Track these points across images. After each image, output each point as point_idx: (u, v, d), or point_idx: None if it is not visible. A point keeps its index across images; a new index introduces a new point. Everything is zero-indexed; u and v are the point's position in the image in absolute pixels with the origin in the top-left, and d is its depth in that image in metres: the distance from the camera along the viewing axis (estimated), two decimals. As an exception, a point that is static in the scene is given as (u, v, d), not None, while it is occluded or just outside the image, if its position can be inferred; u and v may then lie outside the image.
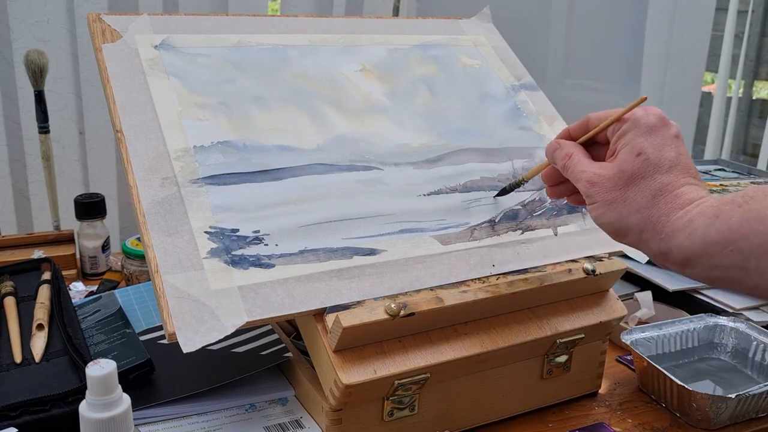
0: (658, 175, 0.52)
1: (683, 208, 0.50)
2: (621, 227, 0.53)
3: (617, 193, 0.53)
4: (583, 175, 0.55)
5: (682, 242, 0.49)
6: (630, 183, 0.52)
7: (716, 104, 2.12)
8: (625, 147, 0.53)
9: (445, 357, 0.59)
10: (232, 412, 0.64)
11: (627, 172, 0.52)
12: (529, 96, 0.83)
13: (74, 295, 0.87)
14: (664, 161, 0.52)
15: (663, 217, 0.50)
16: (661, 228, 0.50)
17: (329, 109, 0.72)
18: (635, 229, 0.52)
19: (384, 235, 0.63)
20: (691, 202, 0.50)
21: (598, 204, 0.54)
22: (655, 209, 0.51)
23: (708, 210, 0.48)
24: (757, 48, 2.30)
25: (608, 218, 0.53)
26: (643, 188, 0.52)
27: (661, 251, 0.51)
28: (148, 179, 0.60)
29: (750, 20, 2.22)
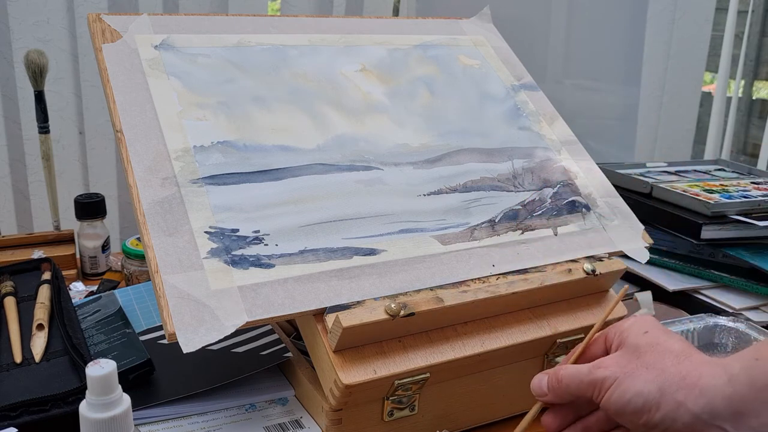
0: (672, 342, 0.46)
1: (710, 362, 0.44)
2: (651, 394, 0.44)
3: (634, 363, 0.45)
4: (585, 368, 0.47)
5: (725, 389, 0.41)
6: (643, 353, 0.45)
7: (716, 104, 2.12)
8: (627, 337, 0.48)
9: (445, 357, 0.59)
10: (232, 412, 0.64)
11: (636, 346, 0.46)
12: (529, 96, 0.83)
13: (74, 295, 0.87)
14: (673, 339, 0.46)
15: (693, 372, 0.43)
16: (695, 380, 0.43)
17: (329, 109, 0.72)
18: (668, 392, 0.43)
19: (384, 235, 0.63)
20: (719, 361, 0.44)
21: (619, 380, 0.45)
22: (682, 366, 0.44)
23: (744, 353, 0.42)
24: (757, 48, 2.30)
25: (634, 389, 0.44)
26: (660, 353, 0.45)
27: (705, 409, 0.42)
28: (148, 179, 0.60)
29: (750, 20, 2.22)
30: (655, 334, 0.46)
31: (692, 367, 0.43)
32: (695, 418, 0.42)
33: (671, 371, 0.43)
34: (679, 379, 0.43)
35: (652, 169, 1.23)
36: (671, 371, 0.43)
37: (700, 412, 0.42)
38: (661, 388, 0.43)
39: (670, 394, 0.43)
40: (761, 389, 0.40)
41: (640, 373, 0.44)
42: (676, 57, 1.90)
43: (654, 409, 0.43)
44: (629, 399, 0.44)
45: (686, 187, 1.03)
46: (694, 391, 0.42)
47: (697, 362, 0.43)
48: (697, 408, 0.42)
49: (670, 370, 0.43)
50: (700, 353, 0.45)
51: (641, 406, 0.44)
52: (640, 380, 0.44)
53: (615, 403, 0.45)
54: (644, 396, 0.43)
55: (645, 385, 0.44)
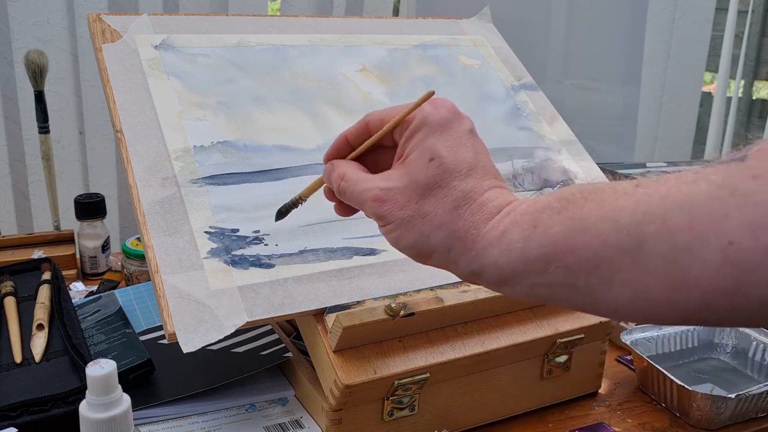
0: (457, 181, 0.44)
1: (492, 218, 0.42)
2: (423, 249, 0.44)
3: (413, 207, 0.44)
4: (368, 194, 0.45)
5: (498, 259, 0.41)
6: (426, 194, 0.44)
7: (716, 104, 2.12)
8: (414, 150, 0.45)
9: (445, 357, 0.59)
10: (232, 412, 0.64)
11: (420, 182, 0.44)
12: (529, 96, 0.83)
13: (74, 295, 0.87)
14: (461, 164, 0.44)
15: (471, 231, 0.42)
16: (470, 244, 0.42)
17: (329, 109, 0.72)
18: (441, 249, 0.44)
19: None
20: (500, 209, 0.42)
21: (393, 224, 0.45)
22: (461, 222, 0.43)
23: (522, 219, 0.41)
24: (757, 48, 2.30)
25: (407, 240, 0.44)
26: (441, 199, 0.43)
27: (473, 271, 0.43)
28: (148, 179, 0.60)
29: (750, 20, 2.22)
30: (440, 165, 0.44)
31: (471, 223, 0.43)
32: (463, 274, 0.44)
33: (448, 228, 0.43)
34: (455, 239, 0.43)
35: (652, 169, 1.23)
36: (448, 228, 0.43)
37: (467, 273, 0.43)
38: (433, 244, 0.44)
39: (443, 252, 0.44)
40: (531, 260, 0.40)
41: (416, 224, 0.44)
42: (676, 57, 1.90)
43: (424, 259, 0.45)
44: (402, 247, 0.45)
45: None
46: (469, 254, 0.43)
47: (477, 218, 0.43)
48: (466, 269, 0.43)
49: (448, 226, 0.43)
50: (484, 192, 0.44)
51: (413, 254, 0.45)
52: (415, 232, 0.44)
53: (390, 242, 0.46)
54: (416, 249, 0.45)
55: (419, 239, 0.44)
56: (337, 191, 0.49)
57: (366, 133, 0.49)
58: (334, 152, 0.51)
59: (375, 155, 0.50)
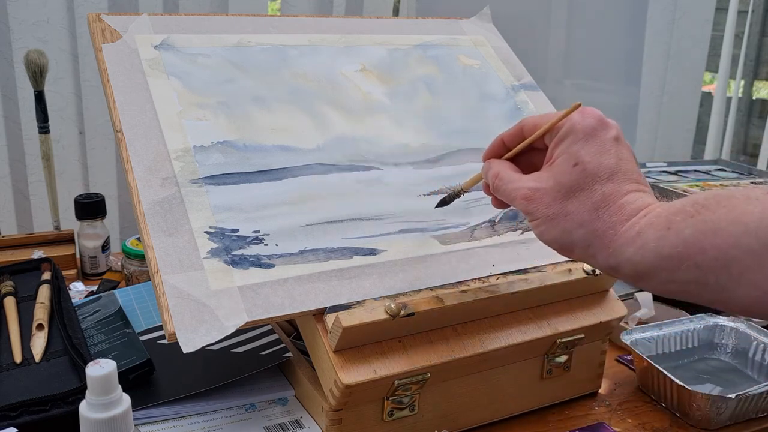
0: (598, 185, 0.48)
1: (630, 219, 0.46)
2: (566, 243, 0.49)
3: (557, 207, 0.49)
4: (518, 193, 0.51)
5: (633, 257, 0.45)
6: (569, 195, 0.48)
7: (716, 104, 2.12)
8: (561, 156, 0.50)
9: (445, 357, 0.59)
10: (232, 412, 0.64)
11: (565, 184, 0.49)
12: (529, 96, 0.83)
13: (74, 295, 0.87)
14: (603, 170, 0.48)
15: (609, 231, 0.47)
16: (608, 242, 0.47)
17: (329, 109, 0.72)
18: (581, 244, 0.48)
19: (384, 235, 0.63)
20: (638, 211, 0.47)
21: (539, 220, 0.50)
22: (600, 222, 0.47)
23: (657, 221, 0.45)
24: (757, 48, 2.30)
25: (551, 235, 0.49)
26: (583, 200, 0.48)
27: (611, 266, 0.47)
28: (148, 179, 0.60)
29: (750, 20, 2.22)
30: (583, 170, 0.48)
31: (609, 224, 0.47)
32: (602, 268, 0.48)
33: (588, 226, 0.47)
34: (594, 236, 0.47)
35: (652, 169, 1.23)
36: (588, 226, 0.47)
37: (606, 267, 0.48)
38: (575, 240, 0.48)
39: (583, 247, 0.48)
40: (664, 258, 0.44)
41: (559, 221, 0.48)
42: (676, 57, 1.90)
43: (567, 252, 0.50)
44: (546, 240, 0.50)
45: (686, 187, 1.03)
46: (606, 250, 0.47)
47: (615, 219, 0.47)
48: (604, 264, 0.48)
49: (588, 225, 0.47)
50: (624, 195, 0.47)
51: (557, 247, 0.50)
52: (558, 229, 0.49)
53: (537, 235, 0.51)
54: (559, 243, 0.49)
55: (562, 234, 0.49)
56: (492, 188, 0.54)
57: (520, 136, 0.55)
58: (491, 152, 0.57)
59: (528, 156, 0.55)
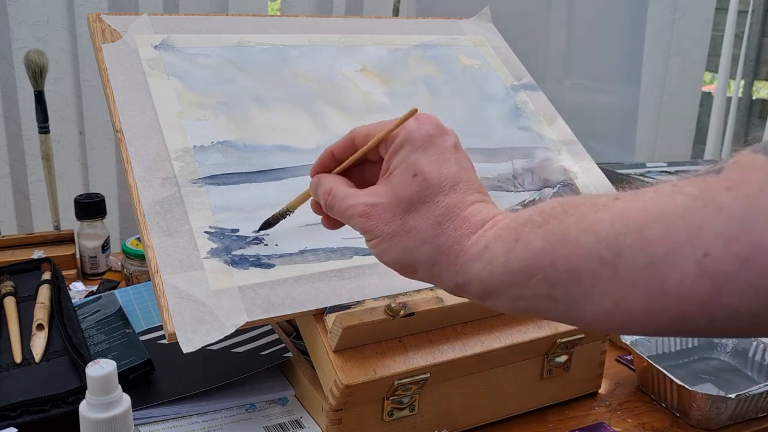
0: (441, 197, 0.45)
1: (475, 232, 0.43)
2: (408, 263, 0.45)
3: (397, 222, 0.45)
4: (354, 210, 0.47)
5: (480, 273, 0.42)
6: (410, 209, 0.45)
7: (716, 104, 2.12)
8: (399, 167, 0.46)
9: (445, 357, 0.59)
10: (232, 412, 0.64)
11: (405, 198, 0.45)
12: (529, 96, 0.83)
13: (74, 295, 0.87)
14: (444, 180, 0.45)
15: (454, 246, 0.43)
16: (453, 259, 0.43)
17: (329, 109, 0.72)
18: (425, 263, 0.45)
19: (384, 235, 0.63)
20: (484, 223, 0.43)
21: (379, 239, 0.46)
22: (444, 237, 0.44)
23: (505, 233, 0.42)
24: (757, 48, 2.30)
25: (392, 254, 0.46)
26: (425, 214, 0.45)
27: (458, 284, 0.44)
28: (148, 179, 0.60)
29: (750, 20, 2.22)
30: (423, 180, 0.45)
31: (454, 239, 0.44)
32: (448, 288, 0.45)
33: (432, 243, 0.44)
34: (439, 253, 0.44)
35: (652, 169, 1.23)
36: (432, 243, 0.44)
37: (453, 286, 0.45)
38: (417, 259, 0.45)
39: (427, 267, 0.45)
40: (513, 273, 0.40)
41: (400, 239, 0.45)
42: (676, 57, 1.90)
43: (410, 273, 0.46)
44: (387, 261, 0.47)
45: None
46: (452, 268, 0.44)
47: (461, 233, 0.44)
48: (451, 283, 0.44)
49: (432, 241, 0.44)
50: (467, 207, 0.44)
51: (399, 268, 0.47)
52: (400, 247, 0.45)
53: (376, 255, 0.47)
54: (401, 263, 0.46)
55: (403, 254, 0.45)
56: (324, 206, 0.50)
57: (352, 148, 0.50)
58: (320, 166, 0.52)
59: (361, 169, 0.51)
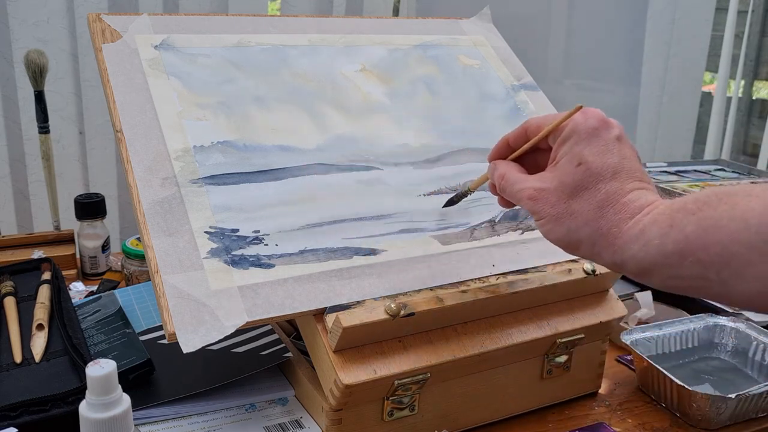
0: (602, 184, 0.49)
1: (633, 217, 0.47)
2: (572, 241, 0.50)
3: (562, 206, 0.50)
4: (523, 193, 0.52)
5: (637, 254, 0.46)
6: (573, 195, 0.49)
7: (716, 104, 2.12)
8: (565, 156, 0.51)
9: (445, 357, 0.59)
10: (232, 412, 0.64)
11: (569, 184, 0.50)
12: (529, 96, 0.83)
13: (74, 295, 0.87)
14: (606, 169, 0.49)
15: (614, 228, 0.48)
16: (612, 240, 0.48)
17: (329, 109, 0.72)
18: (587, 242, 0.49)
19: (384, 235, 0.63)
20: (641, 209, 0.47)
21: (545, 220, 0.51)
22: (604, 221, 0.48)
23: (660, 218, 0.46)
24: (757, 48, 2.30)
25: (557, 233, 0.50)
26: (588, 200, 0.49)
27: (616, 263, 0.48)
28: (148, 179, 0.60)
29: (750, 20, 2.22)
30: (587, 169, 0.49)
31: (614, 222, 0.48)
32: (607, 265, 0.50)
33: (593, 225, 0.48)
34: (599, 235, 0.48)
35: (652, 169, 1.23)
36: (593, 225, 0.48)
37: (611, 264, 0.49)
38: (580, 238, 0.49)
39: (589, 245, 0.49)
40: (667, 255, 0.45)
41: (564, 220, 0.50)
42: (676, 57, 1.90)
43: (572, 249, 0.51)
44: (552, 239, 0.51)
45: (686, 187, 1.03)
46: (611, 248, 0.48)
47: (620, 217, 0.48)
48: (610, 261, 0.49)
49: (592, 223, 0.48)
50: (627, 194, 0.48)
51: (563, 245, 0.51)
52: (564, 227, 0.50)
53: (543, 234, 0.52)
54: (565, 242, 0.51)
55: (567, 233, 0.50)
56: (498, 188, 0.55)
57: (524, 137, 0.55)
58: (497, 153, 0.58)
59: (533, 156, 0.56)
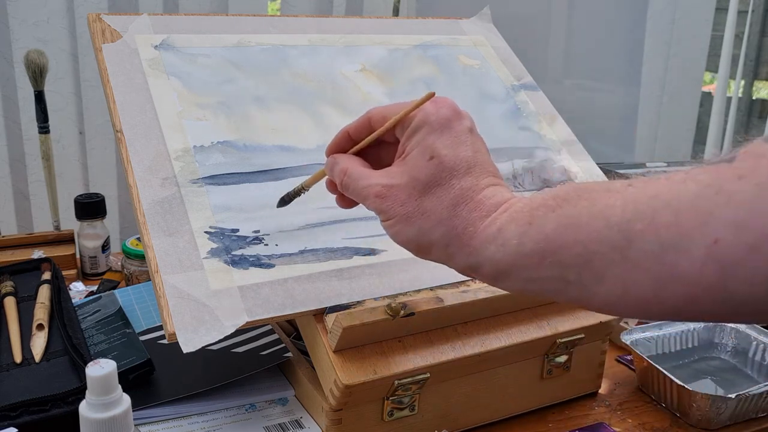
0: (456, 180, 0.45)
1: (489, 215, 0.44)
2: (423, 243, 0.46)
3: (413, 204, 0.46)
4: (370, 191, 0.47)
5: (494, 254, 0.43)
6: (425, 192, 0.45)
7: (716, 104, 2.12)
8: (415, 149, 0.46)
9: (445, 357, 0.59)
10: (232, 412, 0.64)
11: (420, 180, 0.46)
12: (529, 96, 0.83)
13: (74, 295, 0.87)
14: (460, 163, 0.46)
15: (469, 228, 0.44)
16: (467, 240, 0.44)
17: (329, 109, 0.72)
18: (439, 244, 0.45)
19: (384, 235, 0.62)
20: (498, 206, 0.44)
21: (394, 220, 0.46)
22: (458, 219, 0.44)
23: (519, 216, 0.42)
24: (757, 48, 2.30)
25: (407, 235, 0.46)
26: (440, 197, 0.45)
27: (470, 266, 0.45)
28: (148, 179, 0.60)
29: (750, 20, 2.22)
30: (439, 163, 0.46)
31: (469, 221, 0.44)
32: (461, 268, 0.46)
33: (446, 224, 0.45)
34: (453, 235, 0.45)
35: (652, 169, 1.23)
36: (446, 224, 0.45)
37: (465, 267, 0.45)
38: (432, 240, 0.46)
39: (441, 247, 0.45)
40: (526, 255, 0.41)
41: (416, 220, 0.46)
42: (676, 57, 1.90)
43: (424, 253, 0.47)
44: (401, 241, 0.47)
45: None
46: (466, 249, 0.44)
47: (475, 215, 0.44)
48: (464, 264, 0.45)
49: (446, 222, 0.45)
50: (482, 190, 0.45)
51: (413, 248, 0.47)
52: (415, 228, 0.46)
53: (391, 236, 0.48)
54: (415, 243, 0.47)
55: (418, 234, 0.46)
56: (339, 185, 0.50)
57: (368, 129, 0.51)
58: (336, 146, 0.52)
59: (376, 150, 0.51)
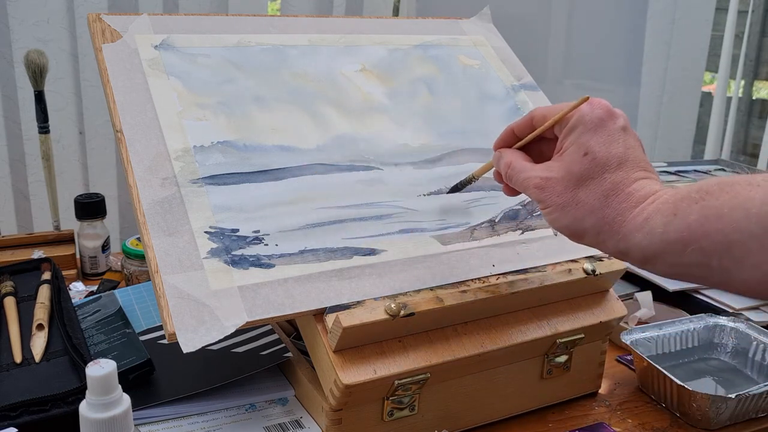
0: (608, 174, 0.50)
1: (638, 206, 0.48)
2: (577, 230, 0.51)
3: (568, 195, 0.51)
4: (530, 182, 0.53)
5: (641, 242, 0.48)
6: (579, 184, 0.51)
7: (716, 104, 2.12)
8: (571, 146, 0.52)
9: (445, 357, 0.59)
10: (232, 412, 0.64)
11: (575, 174, 0.51)
12: (529, 96, 0.83)
13: (74, 295, 0.87)
14: (612, 159, 0.50)
15: (618, 217, 0.49)
16: (617, 228, 0.49)
17: (329, 109, 0.72)
18: (592, 231, 0.50)
19: (384, 235, 0.63)
20: (646, 198, 0.49)
21: (551, 208, 0.52)
22: (609, 209, 0.49)
23: (664, 207, 0.47)
24: (757, 48, 2.30)
25: (563, 222, 0.52)
26: (593, 189, 0.50)
27: (620, 251, 0.50)
28: (148, 179, 0.60)
29: (750, 20, 2.22)
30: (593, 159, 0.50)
31: (618, 211, 0.49)
32: (611, 253, 0.51)
33: (598, 214, 0.50)
34: (604, 223, 0.50)
35: (652, 169, 1.23)
36: (598, 214, 0.50)
37: (615, 252, 0.50)
38: (585, 227, 0.51)
39: (594, 234, 0.50)
40: (671, 243, 0.46)
41: (570, 209, 0.51)
42: (676, 57, 1.90)
43: (577, 238, 0.52)
44: (558, 227, 0.52)
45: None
46: (616, 236, 0.49)
47: (624, 206, 0.49)
48: (614, 249, 0.50)
49: (598, 212, 0.50)
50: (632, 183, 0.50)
51: (568, 234, 0.52)
52: (570, 216, 0.51)
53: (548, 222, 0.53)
54: (570, 230, 0.52)
55: (573, 222, 0.51)
56: (504, 177, 0.56)
57: (530, 127, 0.56)
58: (502, 141, 0.59)
59: (538, 145, 0.57)
